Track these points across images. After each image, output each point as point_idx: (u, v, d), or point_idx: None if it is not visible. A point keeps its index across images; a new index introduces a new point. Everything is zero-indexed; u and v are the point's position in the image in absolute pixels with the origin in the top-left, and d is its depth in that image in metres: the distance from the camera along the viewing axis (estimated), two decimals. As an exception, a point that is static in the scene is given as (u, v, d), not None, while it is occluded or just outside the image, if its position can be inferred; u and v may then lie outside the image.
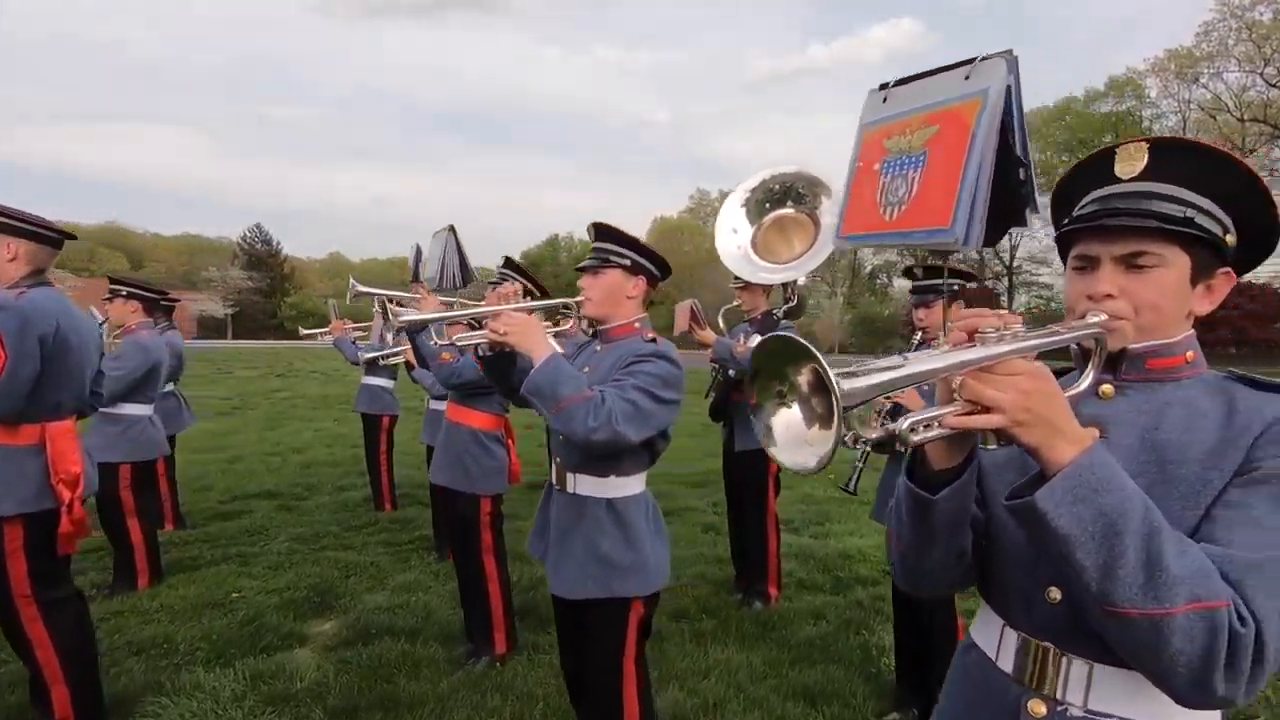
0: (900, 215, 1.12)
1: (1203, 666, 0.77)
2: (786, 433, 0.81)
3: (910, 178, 1.11)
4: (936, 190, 1.06)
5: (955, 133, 1.05)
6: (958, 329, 0.89)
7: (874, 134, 1.21)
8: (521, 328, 1.90)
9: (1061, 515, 0.80)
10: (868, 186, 1.19)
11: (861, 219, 1.20)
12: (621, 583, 1.98)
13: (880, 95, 1.21)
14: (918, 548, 1.01)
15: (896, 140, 1.15)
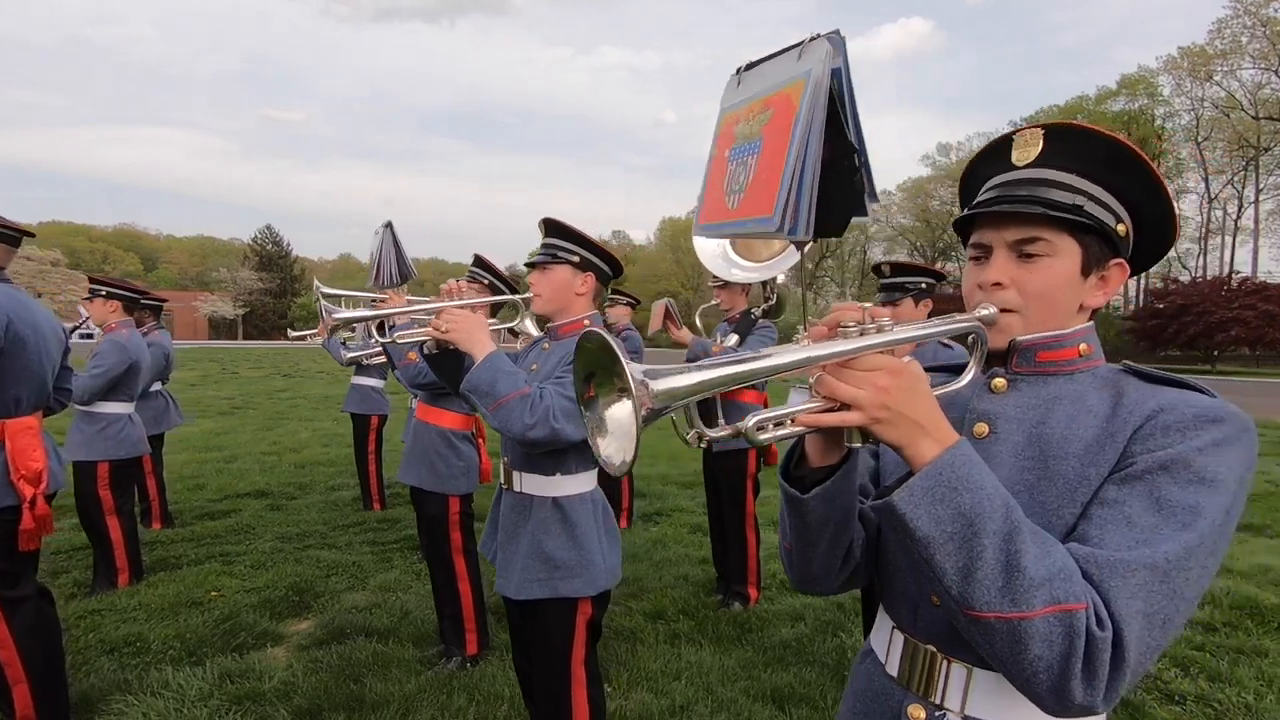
0: (739, 204, 1.08)
1: (1061, 672, 0.73)
2: (617, 428, 0.77)
3: (750, 165, 1.07)
4: (766, 177, 1.02)
5: (784, 117, 1.01)
6: (821, 323, 0.85)
7: (728, 120, 1.17)
8: (463, 325, 1.89)
9: (920, 516, 0.76)
10: (719, 174, 1.16)
11: (714, 209, 1.16)
12: (567, 583, 1.95)
13: (736, 79, 1.17)
14: (800, 547, 0.98)
15: (742, 126, 1.11)
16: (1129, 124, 45.51)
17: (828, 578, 1.01)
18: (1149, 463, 0.82)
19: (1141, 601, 0.74)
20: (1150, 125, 45.37)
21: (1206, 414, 0.83)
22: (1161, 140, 45.19)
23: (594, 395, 0.79)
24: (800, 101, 0.97)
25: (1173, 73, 44.85)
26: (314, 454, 8.57)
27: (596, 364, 0.77)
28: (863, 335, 0.82)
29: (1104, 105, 46.70)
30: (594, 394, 0.79)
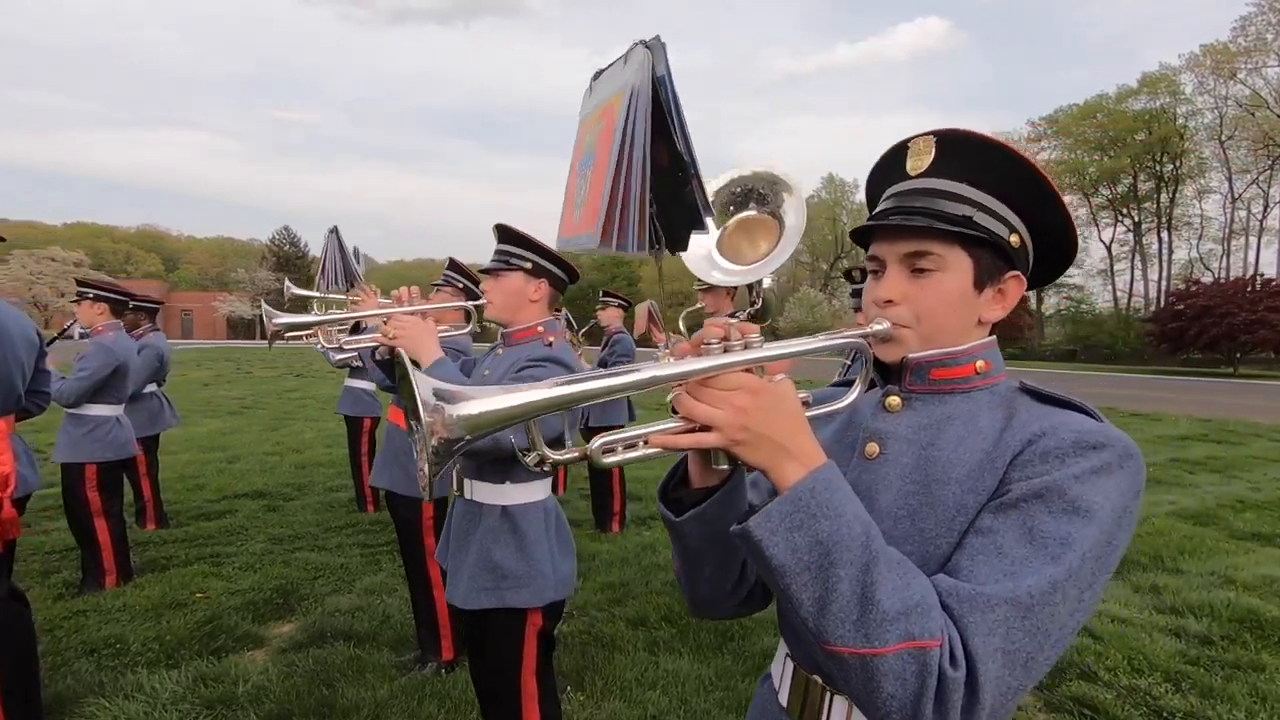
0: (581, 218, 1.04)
1: (913, 711, 0.69)
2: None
3: (589, 177, 1.03)
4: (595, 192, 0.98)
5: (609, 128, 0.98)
6: (689, 340, 0.82)
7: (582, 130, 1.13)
8: (411, 331, 1.87)
9: (777, 544, 0.72)
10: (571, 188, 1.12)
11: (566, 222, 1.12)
12: (515, 593, 1.92)
13: (590, 87, 1.13)
14: (686, 570, 0.95)
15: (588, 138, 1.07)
16: (1150, 122, 44.76)
17: (718, 602, 0.98)
18: (1024, 490, 0.77)
19: (1000, 639, 0.70)
20: (1172, 124, 44.58)
21: (1086, 439, 0.78)
22: (1184, 139, 44.40)
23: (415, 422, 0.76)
24: (620, 113, 0.93)
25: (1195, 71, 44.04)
26: (316, 454, 8.63)
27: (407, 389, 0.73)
28: (726, 352, 0.78)
29: (1125, 104, 45.97)
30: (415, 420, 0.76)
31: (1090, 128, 47.26)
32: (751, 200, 3.81)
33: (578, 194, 1.05)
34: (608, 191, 0.91)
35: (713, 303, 3.93)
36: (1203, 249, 47.98)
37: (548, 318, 2.10)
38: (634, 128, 0.92)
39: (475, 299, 3.14)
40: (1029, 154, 0.90)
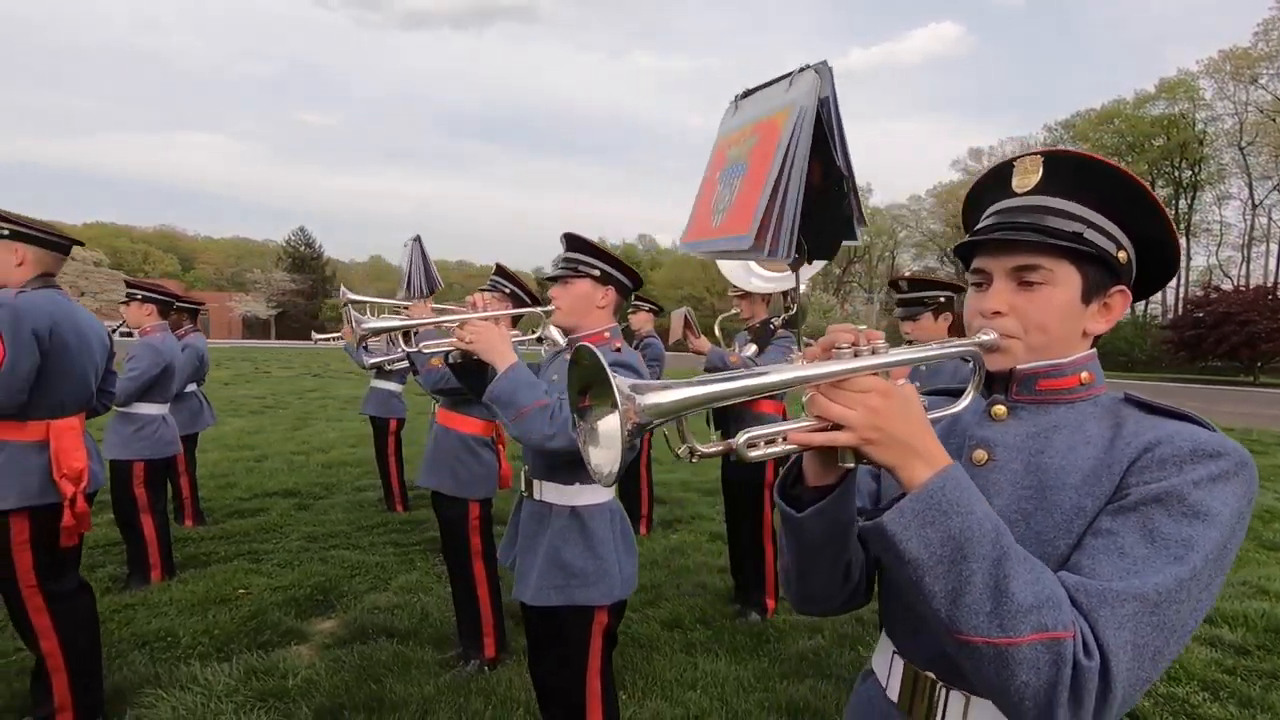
0: (721, 223, 1.11)
1: (1047, 700, 0.74)
2: (607, 437, 0.80)
3: (735, 186, 1.11)
4: (746, 198, 1.05)
5: (768, 142, 1.04)
6: (818, 344, 0.87)
7: (721, 144, 1.21)
8: (486, 336, 1.93)
9: (910, 539, 0.77)
10: (709, 194, 1.19)
11: (698, 226, 1.20)
12: (583, 591, 1.98)
13: (734, 106, 1.21)
14: (798, 567, 0.99)
15: (733, 150, 1.15)
16: (1168, 128, 44.41)
17: (827, 598, 1.02)
18: (1143, 495, 0.82)
19: (1130, 632, 0.75)
20: (1191, 129, 44.21)
21: (1204, 448, 0.83)
22: (1203, 145, 44.02)
23: (588, 405, 0.82)
24: (784, 130, 0.99)
25: (1214, 76, 43.68)
26: (341, 454, 8.73)
27: (590, 378, 0.80)
28: (856, 357, 0.83)
29: (1142, 109, 45.65)
30: (588, 404, 0.82)
31: (1108, 133, 46.95)
32: (790, 208, 3.88)
33: (717, 201, 1.12)
34: (764, 201, 0.97)
35: (748, 308, 3.99)
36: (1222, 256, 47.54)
37: (613, 323, 2.16)
38: (797, 144, 0.98)
39: (521, 304, 3.21)
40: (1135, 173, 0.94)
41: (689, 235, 1.19)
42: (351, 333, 5.99)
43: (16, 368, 2.37)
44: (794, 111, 0.99)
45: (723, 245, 1.05)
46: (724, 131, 1.19)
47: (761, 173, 1.01)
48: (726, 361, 3.62)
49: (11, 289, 2.50)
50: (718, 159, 1.17)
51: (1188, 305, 37.48)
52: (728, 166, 1.12)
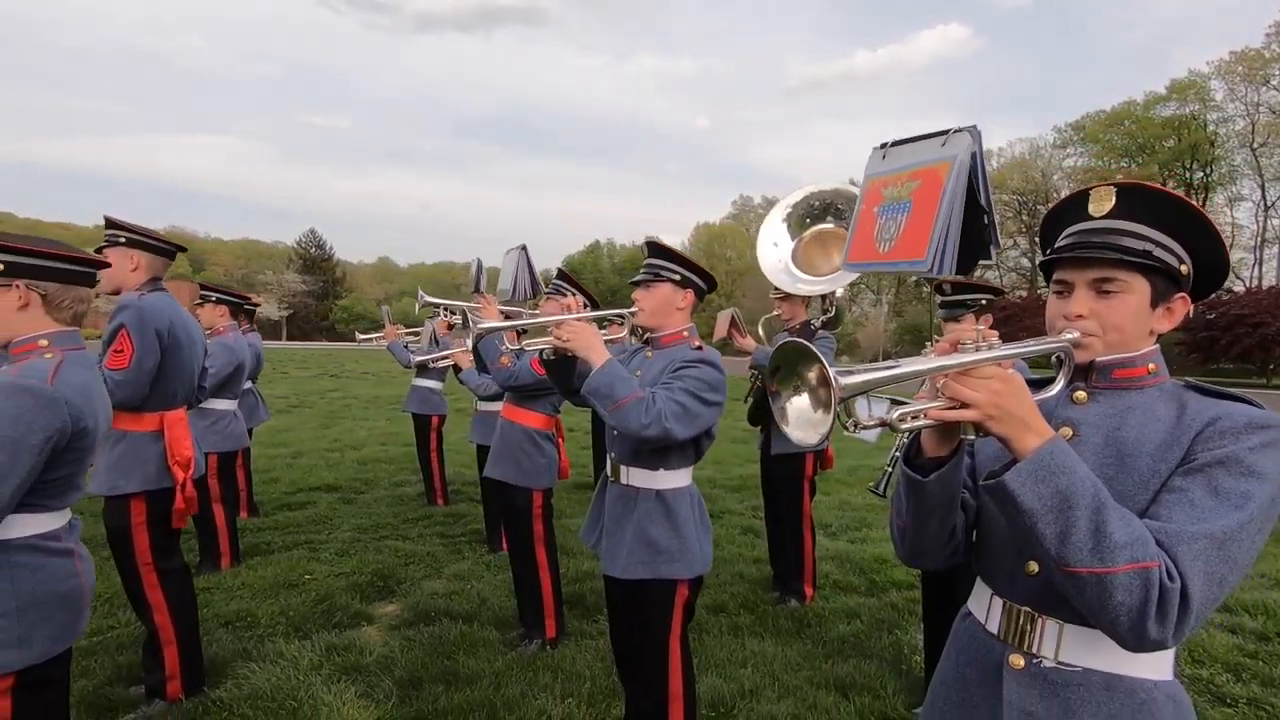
0: (890, 249, 1.38)
1: (1139, 615, 0.95)
2: (798, 416, 1.01)
3: (899, 220, 1.38)
4: (917, 231, 1.32)
5: (932, 186, 1.31)
6: (945, 340, 1.09)
7: (874, 183, 1.49)
8: (582, 335, 2.14)
9: (1026, 493, 0.98)
10: (868, 225, 1.47)
11: (862, 250, 1.48)
12: (668, 566, 2.19)
13: (881, 153, 1.50)
14: (915, 525, 1.21)
15: (891, 190, 1.42)
16: (1179, 130, 44.36)
17: (935, 552, 1.24)
18: (1208, 459, 1.04)
19: (1202, 563, 0.96)
20: (1202, 130, 44.15)
21: (1256, 421, 1.05)
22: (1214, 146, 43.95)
23: (776, 390, 1.03)
24: (947, 177, 1.25)
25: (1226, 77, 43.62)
26: (374, 452, 8.98)
27: (785, 363, 1.01)
28: (978, 350, 1.05)
29: (1152, 111, 45.61)
30: (776, 389, 1.04)
31: (1118, 135, 46.91)
32: (829, 214, 4.09)
33: (880, 231, 1.37)
34: (937, 233, 1.22)
35: (789, 310, 4.20)
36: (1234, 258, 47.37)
37: (692, 324, 2.38)
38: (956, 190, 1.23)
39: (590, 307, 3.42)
40: (1195, 202, 1.16)
41: (854, 257, 1.47)
42: (394, 332, 6.29)
43: (142, 364, 2.60)
44: (954, 165, 1.26)
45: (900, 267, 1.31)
46: (874, 173, 1.47)
47: (929, 211, 1.27)
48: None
49: (134, 292, 2.74)
50: (873, 196, 1.44)
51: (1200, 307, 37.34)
52: (886, 204, 1.39)
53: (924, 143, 1.35)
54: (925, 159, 1.32)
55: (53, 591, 1.70)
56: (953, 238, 1.23)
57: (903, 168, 1.37)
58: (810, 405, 1.00)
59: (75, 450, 1.71)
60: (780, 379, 1.03)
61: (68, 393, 1.67)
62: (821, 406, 0.97)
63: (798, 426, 1.01)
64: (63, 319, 1.80)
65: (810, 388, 1.00)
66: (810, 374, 0.99)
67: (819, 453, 4.14)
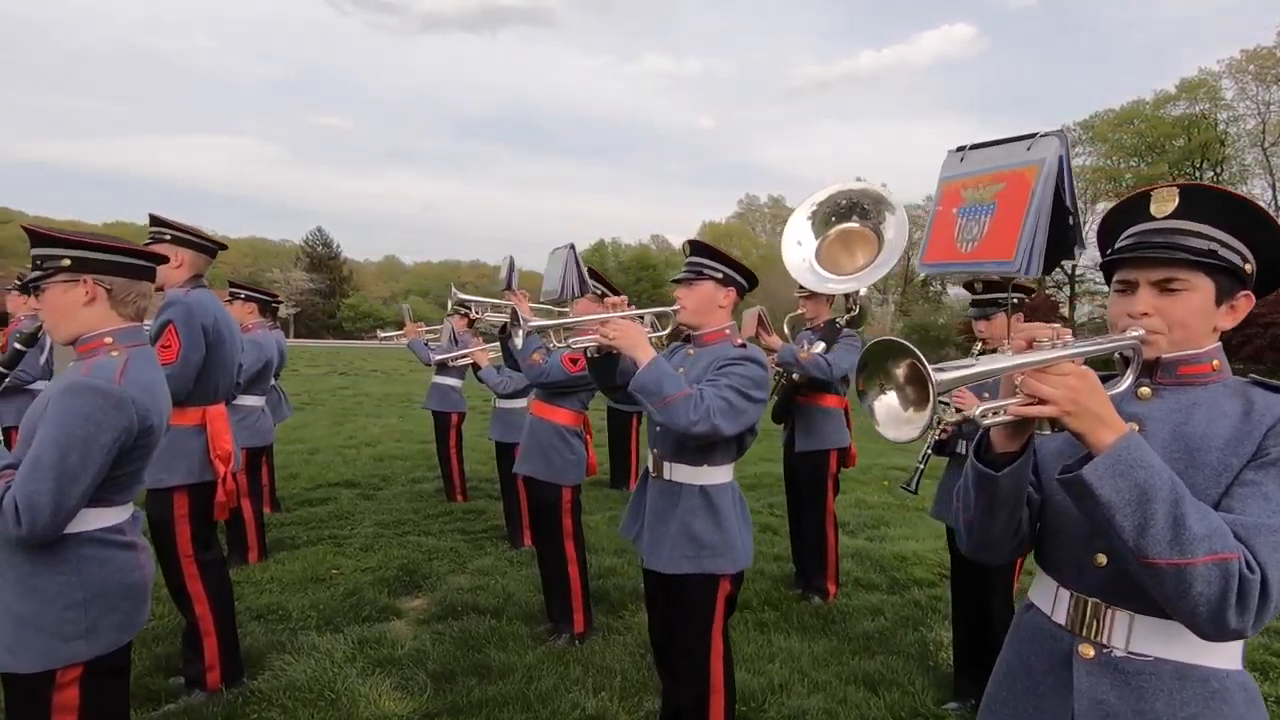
0: (973, 250, 1.41)
1: (1219, 605, 0.97)
2: (887, 414, 1.04)
3: (982, 222, 1.41)
4: (1003, 232, 1.35)
5: (1019, 189, 1.35)
6: (1019, 338, 1.11)
7: (952, 185, 1.52)
8: (628, 333, 2.17)
9: (1104, 486, 1.01)
10: (947, 227, 1.50)
11: (941, 251, 1.51)
12: (712, 561, 2.22)
13: (958, 155, 1.52)
14: (983, 519, 1.23)
15: (971, 192, 1.45)
16: (1189, 129, 44.11)
17: (1002, 544, 1.26)
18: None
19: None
20: (1213, 129, 43.89)
21: None
22: (1224, 145, 43.70)
23: (864, 389, 1.06)
24: (1037, 180, 1.29)
25: (1236, 76, 43.34)
26: (389, 449, 9.04)
27: (874, 359, 1.03)
28: (1053, 348, 1.07)
29: (1162, 110, 45.35)
30: (864, 388, 1.06)
31: (1127, 134, 46.64)
32: (855, 213, 4.11)
33: (961, 232, 1.40)
34: (1025, 235, 1.25)
35: (813, 308, 4.23)
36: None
37: (733, 321, 2.40)
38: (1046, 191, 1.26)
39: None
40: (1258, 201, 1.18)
41: (932, 257, 1.49)
42: (415, 330, 6.33)
43: (189, 360, 2.65)
44: (1043, 168, 1.30)
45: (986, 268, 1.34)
46: (952, 175, 1.50)
47: (1016, 213, 1.31)
48: (798, 357, 3.85)
49: (178, 288, 2.78)
50: (951, 197, 1.47)
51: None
52: (967, 205, 1.42)
53: (1006, 146, 1.39)
54: (1009, 162, 1.36)
55: (119, 583, 1.74)
56: (1040, 239, 1.26)
57: (983, 170, 1.40)
58: (899, 403, 1.02)
59: (141, 447, 1.74)
60: (867, 377, 1.06)
61: (134, 392, 1.70)
62: (913, 404, 1.00)
63: (890, 425, 1.03)
64: (127, 314, 1.83)
65: (898, 385, 1.02)
66: (899, 370, 1.02)
67: (843, 449, 4.16)
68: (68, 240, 1.75)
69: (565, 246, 2.56)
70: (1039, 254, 1.28)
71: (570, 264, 2.54)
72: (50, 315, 1.77)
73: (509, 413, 5.13)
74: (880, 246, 4.05)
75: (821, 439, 4.09)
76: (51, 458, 1.56)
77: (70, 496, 1.58)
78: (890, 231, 4.05)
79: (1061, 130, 1.36)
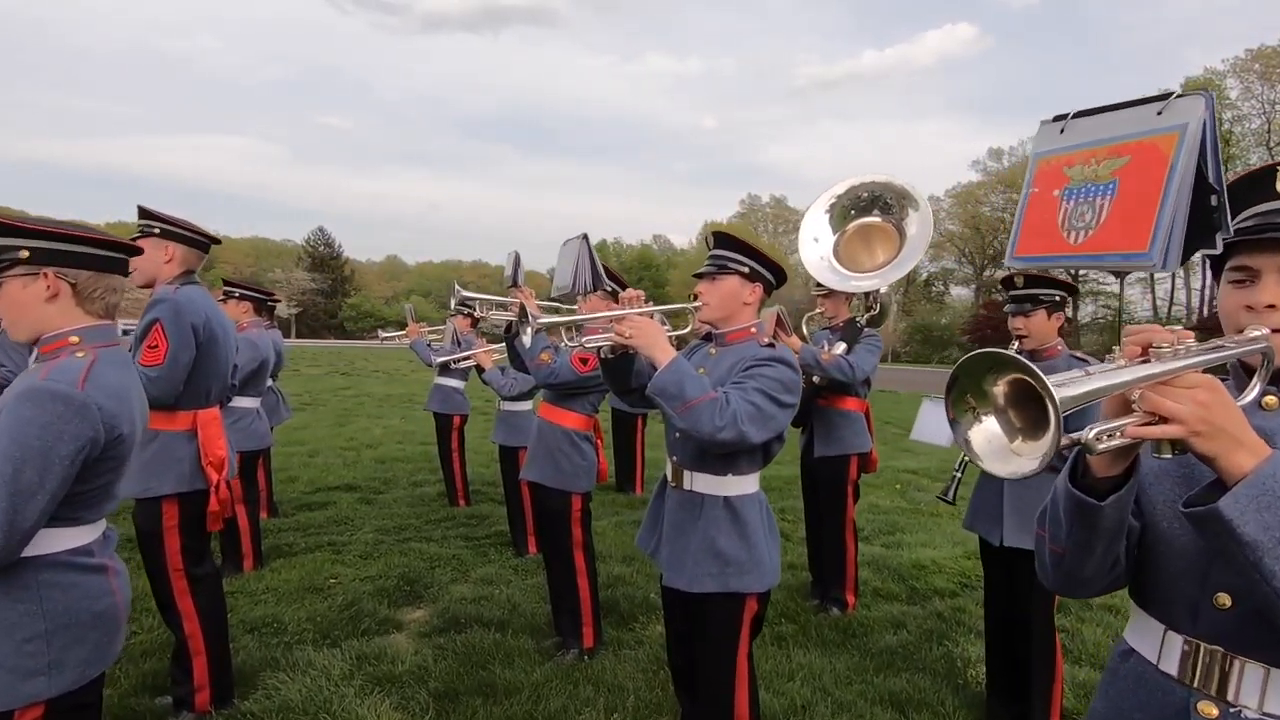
0: (1087, 239, 1.19)
1: None
2: (989, 445, 0.85)
3: (1098, 205, 1.18)
4: (1131, 217, 1.13)
5: (1151, 163, 1.13)
6: (1132, 343, 0.93)
7: (1051, 162, 1.28)
8: (646, 331, 1.99)
9: (1248, 522, 0.83)
10: (1045, 211, 1.26)
11: (1040, 241, 1.27)
12: (738, 579, 2.05)
13: (1056, 126, 1.28)
14: (1078, 552, 1.05)
15: (1080, 169, 1.22)
16: (1194, 129, 43.79)
17: (1096, 579, 1.09)
18: None
19: None
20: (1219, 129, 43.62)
21: None
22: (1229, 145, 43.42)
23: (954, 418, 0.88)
24: (1176, 151, 1.09)
25: (1241, 75, 43.09)
26: (391, 450, 8.87)
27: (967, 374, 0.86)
28: (1176, 356, 0.90)
29: (1167, 110, 45.01)
30: (954, 416, 0.88)
31: (1131, 134, 46.40)
32: (876, 207, 3.93)
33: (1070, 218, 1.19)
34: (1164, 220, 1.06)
35: (832, 308, 4.05)
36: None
37: (759, 319, 2.23)
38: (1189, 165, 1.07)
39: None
40: None
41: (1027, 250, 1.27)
42: (417, 330, 6.17)
43: (178, 361, 2.48)
44: (1184, 136, 1.09)
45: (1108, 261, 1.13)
46: (1048, 150, 1.27)
47: (1149, 193, 1.10)
48: (818, 358, 3.67)
49: (167, 285, 2.61)
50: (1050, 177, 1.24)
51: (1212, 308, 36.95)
52: (1075, 186, 1.20)
53: (1128, 112, 1.17)
54: (1136, 131, 1.14)
55: (86, 612, 1.56)
56: (1180, 224, 1.05)
57: (1097, 142, 1.19)
58: (1003, 431, 0.84)
59: (111, 459, 1.57)
60: (956, 400, 0.87)
61: (100, 397, 1.52)
62: (1021, 432, 0.82)
63: (995, 459, 0.84)
64: (95, 311, 1.66)
65: (997, 407, 0.84)
66: (997, 389, 0.84)
67: (863, 455, 3.98)
68: (26, 229, 1.58)
69: (578, 237, 2.38)
70: (1178, 243, 1.07)
71: (583, 256, 2.37)
72: (8, 312, 1.60)
73: (514, 415, 4.96)
74: (902, 243, 3.88)
75: (841, 444, 3.91)
76: (4, 472, 1.39)
77: (26, 516, 1.41)
78: (913, 227, 3.87)
79: (1206, 90, 1.15)
